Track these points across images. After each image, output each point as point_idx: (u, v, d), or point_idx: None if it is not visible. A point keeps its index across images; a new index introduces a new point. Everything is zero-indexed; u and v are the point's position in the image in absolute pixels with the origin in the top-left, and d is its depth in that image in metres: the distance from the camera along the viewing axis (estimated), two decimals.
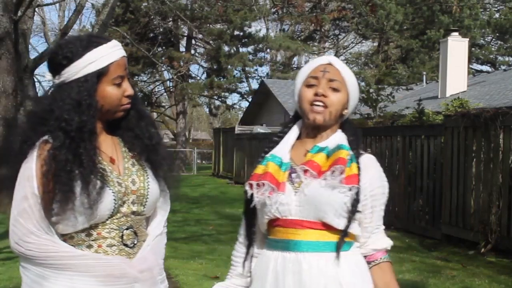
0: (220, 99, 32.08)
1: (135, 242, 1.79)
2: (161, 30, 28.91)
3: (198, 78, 31.90)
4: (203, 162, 34.63)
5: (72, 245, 1.71)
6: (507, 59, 29.83)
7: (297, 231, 1.79)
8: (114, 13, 19.04)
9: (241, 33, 29.59)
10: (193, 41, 30.69)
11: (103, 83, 1.73)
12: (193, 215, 10.92)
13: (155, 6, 26.27)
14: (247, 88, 33.12)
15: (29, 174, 1.68)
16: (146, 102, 30.22)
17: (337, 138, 1.87)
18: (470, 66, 26.25)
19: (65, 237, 1.72)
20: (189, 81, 29.43)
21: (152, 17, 26.89)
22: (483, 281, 5.85)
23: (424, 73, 25.20)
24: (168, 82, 31.39)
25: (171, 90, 30.36)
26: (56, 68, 1.74)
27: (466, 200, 7.65)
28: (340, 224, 1.78)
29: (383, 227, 1.92)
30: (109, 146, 1.81)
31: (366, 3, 27.57)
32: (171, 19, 28.13)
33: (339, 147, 1.81)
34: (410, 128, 9.45)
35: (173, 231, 8.95)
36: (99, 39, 1.79)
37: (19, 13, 13.08)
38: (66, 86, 1.72)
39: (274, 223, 1.85)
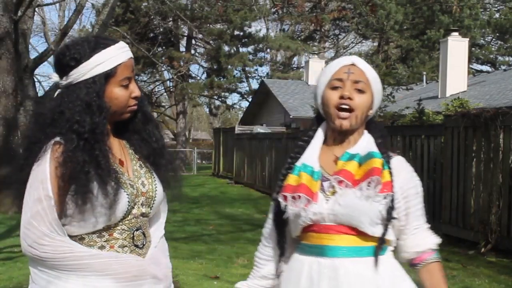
0: (220, 99, 32.10)
1: (144, 243, 1.81)
2: (161, 30, 28.93)
3: (198, 78, 31.93)
4: (203, 162, 34.64)
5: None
6: (507, 59, 29.82)
7: (332, 237, 1.78)
8: (114, 13, 19.04)
9: (241, 33, 29.60)
10: (193, 41, 30.70)
11: (110, 84, 1.74)
12: (193, 215, 10.92)
13: (155, 6, 26.28)
14: (247, 88, 33.17)
15: (43, 177, 1.66)
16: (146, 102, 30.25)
17: (365, 142, 1.85)
18: (470, 66, 26.25)
19: (75, 239, 1.72)
20: (189, 81, 29.44)
21: (152, 17, 26.90)
22: (483, 281, 5.85)
23: (424, 73, 25.19)
24: (168, 82, 31.41)
25: (171, 90, 30.37)
26: (63, 69, 1.74)
27: (466, 200, 7.66)
28: (376, 231, 1.77)
29: (426, 225, 1.89)
30: (117, 148, 1.81)
31: (366, 3, 27.56)
32: (171, 19, 28.14)
33: (371, 155, 1.78)
34: (410, 128, 9.45)
35: (173, 231, 8.95)
36: (106, 40, 1.79)
37: (19, 13, 13.08)
38: (74, 87, 1.72)
39: (307, 228, 1.83)
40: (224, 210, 11.94)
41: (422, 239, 1.86)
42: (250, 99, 30.22)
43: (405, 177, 1.84)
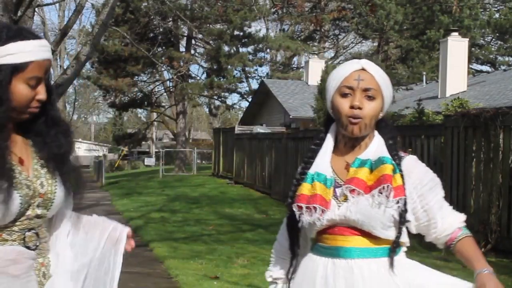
0: (220, 99, 32.08)
1: (38, 244, 1.71)
2: (161, 30, 28.91)
3: (198, 78, 31.90)
4: (203, 162, 34.65)
5: None
6: (507, 59, 29.83)
7: (347, 238, 1.82)
8: (114, 13, 19.02)
9: (241, 33, 29.58)
10: (193, 41, 30.68)
11: (17, 79, 1.62)
12: (193, 215, 10.92)
13: (155, 6, 26.27)
14: (247, 88, 33.17)
15: None
16: (146, 102, 30.28)
17: (376, 146, 1.86)
18: (470, 66, 26.25)
19: None
20: (189, 81, 29.42)
21: (152, 17, 26.88)
22: None
23: (424, 73, 25.19)
24: (168, 82, 31.38)
25: (171, 90, 30.36)
26: None
27: (466, 200, 7.65)
28: (389, 234, 1.81)
29: (449, 208, 1.96)
30: (18, 146, 1.70)
31: (366, 3, 27.56)
32: (171, 19, 28.12)
33: (382, 161, 1.80)
34: (410, 128, 9.45)
35: (173, 231, 8.96)
36: (28, 33, 1.67)
37: (19, 13, 13.07)
38: None
39: (322, 231, 1.87)
40: (224, 210, 11.94)
41: (448, 223, 1.92)
42: (250, 99, 30.22)
43: (417, 176, 1.86)
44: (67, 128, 1.82)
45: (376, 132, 1.90)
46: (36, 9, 20.20)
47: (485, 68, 30.27)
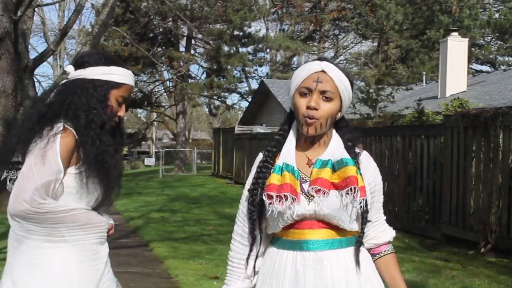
0: (220, 99, 32.08)
1: None
2: (161, 30, 28.91)
3: (198, 78, 31.90)
4: (203, 162, 34.65)
5: None
6: (507, 59, 29.84)
7: (314, 231, 1.90)
8: (114, 13, 19.03)
9: (241, 33, 29.59)
10: (193, 41, 30.68)
11: (112, 94, 2.09)
12: (192, 215, 10.92)
13: (155, 6, 26.26)
14: (247, 88, 33.16)
15: (55, 154, 1.96)
16: (146, 102, 30.26)
17: (335, 146, 1.94)
18: (470, 66, 26.25)
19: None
20: (189, 81, 29.42)
21: (152, 17, 26.88)
22: (483, 281, 5.85)
23: (424, 73, 25.20)
24: (168, 82, 31.39)
25: (171, 90, 30.36)
26: (82, 64, 2.09)
27: (466, 200, 7.65)
28: (353, 227, 1.92)
29: (384, 217, 2.05)
30: None
31: (366, 3, 27.57)
32: (171, 19, 28.12)
33: (345, 163, 1.88)
34: (410, 128, 9.45)
35: (173, 231, 8.95)
36: (122, 63, 2.19)
37: (19, 13, 13.07)
38: (86, 81, 2.06)
39: (288, 226, 1.92)
40: (223, 210, 11.94)
41: (380, 232, 2.02)
42: (249, 99, 30.21)
43: (372, 174, 1.97)
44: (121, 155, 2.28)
45: (334, 131, 1.98)
46: (36, 9, 20.22)
47: (485, 68, 30.28)
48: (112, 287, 2.15)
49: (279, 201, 1.85)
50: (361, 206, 1.86)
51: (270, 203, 1.86)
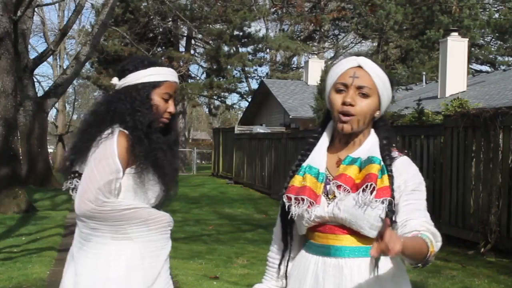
0: (219, 99, 32.09)
1: None
2: (160, 30, 28.90)
3: (198, 78, 31.92)
4: (203, 162, 34.64)
5: None
6: (506, 59, 29.84)
7: (337, 237, 1.82)
8: (113, 13, 19.03)
9: (241, 33, 29.59)
10: (193, 41, 30.69)
11: (155, 93, 2.18)
12: (192, 215, 10.91)
13: (154, 6, 26.27)
14: (247, 88, 33.19)
15: (113, 155, 2.07)
16: None
17: (370, 144, 1.85)
18: (470, 66, 26.25)
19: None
20: (189, 81, 29.44)
21: (151, 17, 26.88)
22: (482, 281, 5.85)
23: (424, 73, 25.20)
24: None
25: None
26: (123, 73, 2.22)
27: (465, 200, 7.65)
28: (375, 234, 1.78)
29: (423, 214, 1.77)
30: None
31: (365, 3, 27.57)
32: (170, 19, 28.13)
33: (370, 160, 1.80)
34: (410, 128, 9.45)
35: (173, 231, 8.95)
36: (161, 63, 2.31)
37: (19, 13, 13.06)
38: (129, 88, 2.18)
39: (313, 228, 1.87)
40: (223, 210, 11.94)
41: (411, 226, 1.74)
42: (249, 99, 30.21)
43: (405, 178, 1.82)
44: (179, 155, 2.41)
45: (372, 131, 1.89)
46: (36, 9, 20.19)
47: (485, 68, 30.28)
48: (168, 284, 2.20)
49: (297, 203, 1.81)
50: (383, 207, 1.74)
51: (290, 205, 1.83)
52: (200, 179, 20.37)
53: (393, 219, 1.76)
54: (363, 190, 1.75)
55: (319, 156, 1.89)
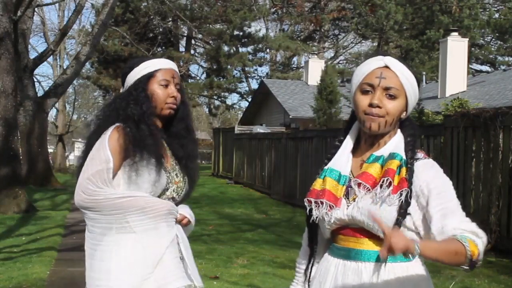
0: (219, 99, 32.09)
1: None
2: (160, 30, 28.92)
3: (198, 78, 31.94)
4: (203, 162, 34.61)
5: None
6: (506, 59, 29.84)
7: (359, 240, 1.79)
8: (113, 13, 19.02)
9: (241, 33, 29.60)
10: (193, 41, 30.71)
11: (152, 83, 2.26)
12: None
13: (154, 6, 26.27)
14: (247, 88, 33.18)
15: (103, 147, 2.15)
16: None
17: (395, 143, 1.81)
18: (470, 66, 26.25)
19: None
20: (189, 81, 29.44)
21: (151, 17, 26.88)
22: (482, 281, 5.85)
23: (424, 73, 25.18)
24: None
25: None
26: (124, 79, 2.33)
27: (465, 200, 7.65)
28: None
29: (458, 217, 1.70)
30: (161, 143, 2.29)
31: (365, 3, 27.56)
32: (170, 19, 28.14)
33: (391, 156, 1.76)
34: None
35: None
36: (155, 56, 2.37)
37: (19, 13, 13.06)
38: (131, 86, 2.29)
39: (336, 231, 1.85)
40: (223, 210, 11.94)
41: (444, 232, 1.66)
42: (249, 99, 30.21)
43: (426, 180, 1.75)
44: (195, 137, 2.43)
45: (398, 131, 1.84)
46: (36, 9, 20.18)
47: (485, 68, 30.29)
48: (172, 272, 2.18)
49: (317, 207, 1.80)
50: (399, 200, 1.67)
51: (310, 209, 1.82)
52: (200, 179, 20.02)
53: (406, 210, 1.70)
54: (380, 186, 1.72)
55: (341, 158, 1.86)
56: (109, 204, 2.10)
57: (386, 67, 1.79)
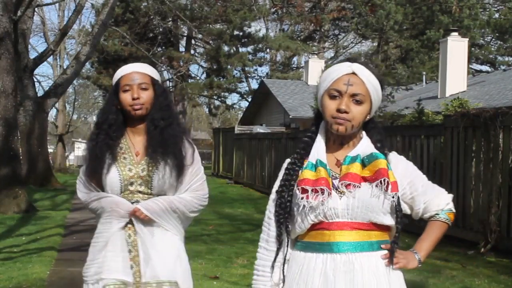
0: (219, 99, 32.09)
1: None
2: (160, 30, 28.91)
3: (198, 78, 31.93)
4: (203, 162, 34.42)
5: None
6: (506, 59, 29.83)
7: (345, 233, 1.86)
8: (113, 13, 19.02)
9: (241, 33, 29.60)
10: (193, 41, 30.70)
11: (120, 91, 2.44)
12: None
13: (154, 6, 26.27)
14: (247, 88, 33.17)
15: (85, 153, 2.52)
16: None
17: (365, 145, 1.92)
18: (470, 66, 26.25)
19: None
20: (189, 81, 29.44)
21: (151, 17, 26.88)
22: (482, 281, 5.85)
23: (424, 73, 25.20)
24: (167, 82, 31.38)
25: (171, 90, 30.35)
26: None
27: (466, 200, 7.65)
28: (388, 221, 1.89)
29: (433, 190, 2.00)
30: (139, 142, 2.48)
31: (365, 3, 27.55)
32: (170, 19, 28.13)
33: (375, 157, 1.87)
34: (410, 128, 9.45)
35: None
36: (122, 64, 2.68)
37: (19, 13, 13.06)
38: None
39: (316, 226, 1.89)
40: (223, 210, 11.94)
41: (429, 209, 2.01)
42: (249, 99, 30.21)
43: (402, 166, 1.96)
44: (177, 122, 2.54)
45: (364, 133, 1.96)
46: (36, 9, 20.17)
47: (485, 68, 30.29)
48: (107, 264, 2.42)
49: (315, 195, 1.83)
50: (393, 201, 1.85)
51: (303, 198, 1.85)
52: None
53: (400, 216, 1.91)
54: (377, 185, 1.83)
55: (321, 152, 1.93)
56: (90, 207, 2.55)
57: (354, 73, 1.88)
